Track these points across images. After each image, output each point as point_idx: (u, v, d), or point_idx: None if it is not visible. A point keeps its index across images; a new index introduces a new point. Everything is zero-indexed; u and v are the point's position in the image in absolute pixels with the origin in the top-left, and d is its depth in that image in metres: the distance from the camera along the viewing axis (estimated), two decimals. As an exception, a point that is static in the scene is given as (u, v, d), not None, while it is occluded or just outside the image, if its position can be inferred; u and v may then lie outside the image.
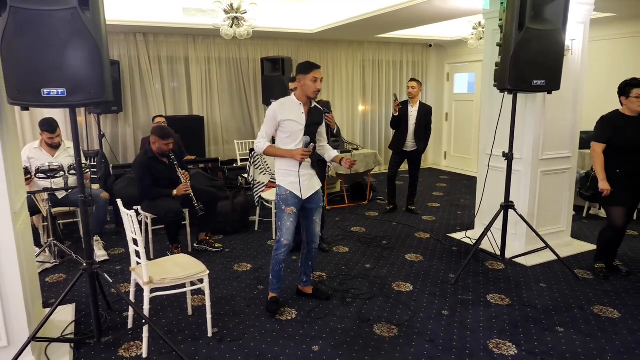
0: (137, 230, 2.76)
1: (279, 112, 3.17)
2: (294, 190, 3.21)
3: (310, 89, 3.18)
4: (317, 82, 3.18)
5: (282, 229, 3.23)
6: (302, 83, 3.19)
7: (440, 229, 5.30)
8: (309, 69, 3.18)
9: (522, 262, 4.16)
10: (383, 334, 3.02)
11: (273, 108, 3.19)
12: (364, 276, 3.95)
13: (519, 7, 3.40)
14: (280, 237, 3.24)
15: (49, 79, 2.22)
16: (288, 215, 3.22)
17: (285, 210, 3.22)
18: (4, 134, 2.51)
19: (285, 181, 3.23)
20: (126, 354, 2.82)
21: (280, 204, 3.24)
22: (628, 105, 3.66)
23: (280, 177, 3.27)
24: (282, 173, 3.25)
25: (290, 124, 3.17)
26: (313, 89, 3.17)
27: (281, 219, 3.24)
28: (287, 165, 3.21)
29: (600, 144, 3.73)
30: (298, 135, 3.18)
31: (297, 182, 3.19)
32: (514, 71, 3.51)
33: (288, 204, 3.22)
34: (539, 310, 3.33)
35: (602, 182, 3.68)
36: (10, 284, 2.54)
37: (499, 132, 4.09)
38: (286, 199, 3.22)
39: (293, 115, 3.17)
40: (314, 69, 3.19)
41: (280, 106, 3.19)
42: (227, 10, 5.42)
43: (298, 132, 3.18)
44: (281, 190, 3.24)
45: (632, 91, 3.61)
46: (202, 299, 3.49)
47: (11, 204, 2.52)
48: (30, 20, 2.16)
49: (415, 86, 5.63)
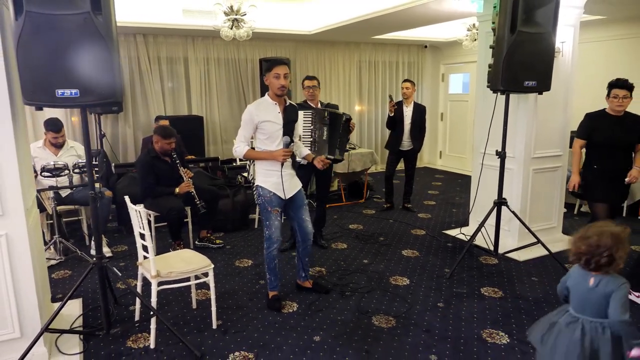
0: (145, 226, 2.87)
1: (255, 114, 3.19)
2: (276, 191, 3.27)
3: (274, 86, 3.18)
4: (280, 79, 3.16)
5: (271, 228, 3.30)
6: (268, 81, 3.22)
7: (435, 225, 5.43)
8: (271, 66, 3.19)
9: (515, 257, 4.29)
10: (381, 325, 3.14)
11: (249, 110, 3.21)
12: (362, 271, 4.07)
13: (511, 11, 3.53)
14: (270, 235, 3.31)
15: (62, 80, 2.33)
16: (275, 215, 3.30)
17: (271, 211, 3.29)
18: (18, 133, 2.61)
19: (268, 182, 3.27)
20: (134, 345, 2.93)
21: (265, 205, 3.29)
22: (609, 104, 3.82)
23: (262, 177, 3.30)
24: (263, 173, 3.29)
25: (268, 125, 3.20)
26: (277, 85, 3.17)
27: (269, 219, 3.30)
28: (268, 165, 3.26)
29: (579, 140, 3.90)
30: (277, 135, 3.22)
31: (280, 183, 3.23)
32: (506, 72, 3.64)
33: (273, 205, 3.28)
34: (530, 302, 3.46)
35: (574, 174, 3.88)
36: (24, 278, 2.64)
37: (492, 132, 4.22)
38: (270, 200, 3.28)
39: (270, 116, 3.20)
40: (275, 65, 3.19)
41: (255, 108, 3.21)
42: (227, 12, 5.53)
43: (277, 132, 3.22)
44: (264, 192, 3.27)
45: (611, 91, 3.77)
46: (205, 293, 3.60)
47: (24, 200, 2.62)
48: (45, 24, 2.27)
49: (410, 87, 5.76)
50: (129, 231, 5.10)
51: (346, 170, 6.27)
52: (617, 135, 3.75)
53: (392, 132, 5.89)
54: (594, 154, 3.89)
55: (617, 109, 3.76)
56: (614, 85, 3.76)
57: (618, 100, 3.72)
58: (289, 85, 3.27)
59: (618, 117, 3.78)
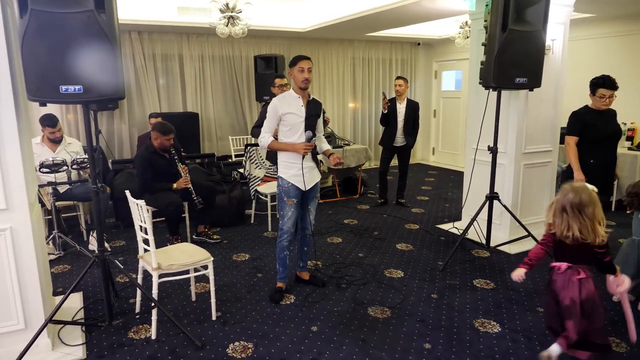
0: (145, 219, 2.93)
1: (280, 107, 3.35)
2: (296, 182, 3.39)
3: (298, 79, 3.35)
4: (304, 72, 3.32)
5: (284, 218, 3.43)
6: (292, 75, 3.37)
7: (429, 220, 5.53)
8: (296, 61, 3.35)
9: (506, 249, 4.40)
10: (377, 315, 3.23)
11: (274, 103, 3.37)
12: (358, 264, 4.16)
13: (502, 9, 3.62)
14: (282, 225, 3.45)
15: (66, 76, 2.38)
16: (289, 206, 3.42)
17: (287, 202, 3.41)
18: (21, 129, 2.66)
19: (288, 173, 3.40)
20: (136, 335, 3.00)
21: (282, 195, 3.43)
22: (594, 102, 3.92)
23: (283, 169, 3.43)
24: (285, 165, 3.42)
25: (291, 117, 3.35)
26: (301, 78, 3.33)
27: (283, 209, 3.44)
28: (290, 157, 3.39)
29: (572, 137, 4.00)
30: (299, 127, 3.36)
31: (300, 175, 3.37)
32: (497, 70, 3.73)
33: (290, 196, 3.41)
34: (521, 293, 3.56)
35: (577, 172, 3.91)
36: (28, 271, 2.70)
37: (484, 128, 4.32)
38: (288, 190, 3.41)
39: (293, 109, 3.35)
40: (300, 59, 3.35)
41: (280, 101, 3.38)
42: (222, 9, 5.58)
43: (299, 125, 3.36)
44: (283, 182, 3.41)
45: (597, 90, 3.86)
46: (204, 286, 3.67)
47: (28, 195, 2.68)
48: (49, 22, 2.32)
49: (402, 84, 5.84)
50: (126, 226, 5.15)
51: (340, 166, 6.34)
52: (610, 129, 3.89)
53: (386, 128, 5.98)
54: (587, 149, 3.95)
55: (602, 108, 3.87)
56: (601, 85, 3.84)
57: (604, 99, 3.83)
58: (311, 78, 3.42)
59: (602, 113, 3.91)
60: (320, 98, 8.54)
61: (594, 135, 3.89)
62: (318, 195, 3.65)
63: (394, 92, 5.91)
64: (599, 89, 3.85)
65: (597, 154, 3.93)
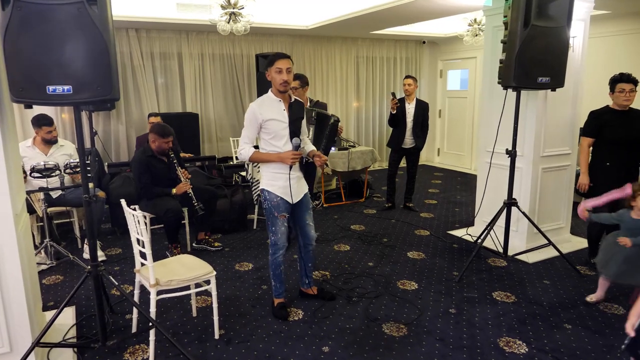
0: (142, 231, 2.70)
1: (259, 113, 2.99)
2: (284, 195, 3.08)
3: (276, 81, 2.99)
4: (282, 73, 2.95)
5: (277, 234, 3.13)
6: (270, 76, 3.02)
7: (439, 226, 5.29)
8: (273, 60, 2.98)
9: (524, 259, 4.17)
10: (392, 334, 2.99)
11: (252, 109, 3.01)
12: (368, 274, 3.93)
13: (524, 4, 3.39)
14: (276, 240, 3.14)
15: (54, 75, 2.15)
16: (282, 220, 3.12)
17: (278, 217, 3.11)
18: (5, 133, 2.42)
19: (275, 186, 3.08)
20: (132, 357, 2.76)
21: (272, 211, 3.10)
22: (614, 99, 3.74)
23: (268, 181, 3.10)
24: (270, 177, 3.10)
25: (273, 124, 3.00)
26: (279, 80, 2.96)
27: (275, 225, 3.12)
28: (276, 168, 3.07)
29: (587, 138, 3.82)
30: (283, 134, 3.03)
31: (287, 186, 3.06)
32: (519, 68, 3.50)
33: (280, 210, 3.10)
34: (544, 307, 3.33)
35: (583, 175, 3.79)
36: (13, 289, 2.47)
37: (499, 130, 4.08)
38: (277, 205, 3.09)
39: (274, 114, 3.00)
40: (277, 58, 2.97)
41: (259, 106, 3.01)
42: (224, 5, 5.34)
43: (282, 131, 3.02)
44: (271, 197, 3.09)
45: (616, 86, 3.70)
46: (205, 299, 3.44)
47: (13, 205, 2.44)
48: (35, 15, 2.08)
49: (412, 83, 5.61)
50: (122, 233, 4.90)
51: (346, 169, 6.11)
52: (629, 131, 3.68)
53: (394, 129, 5.74)
54: (604, 152, 3.80)
55: (624, 104, 3.69)
56: (618, 80, 3.70)
57: (624, 94, 3.65)
58: (292, 80, 3.09)
59: (624, 112, 3.72)
60: (324, 98, 8.31)
61: (612, 137, 3.71)
62: (310, 206, 3.32)
63: (403, 91, 5.68)
64: (617, 84, 3.69)
65: (615, 157, 3.74)
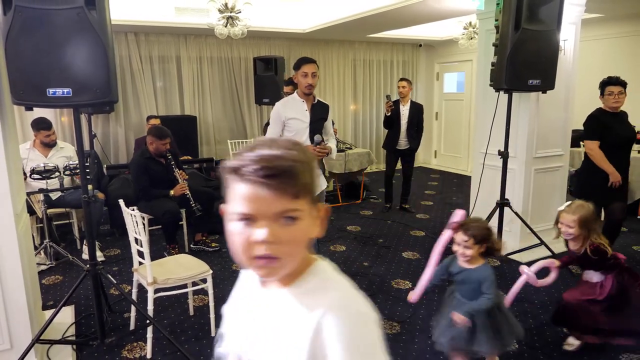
0: (140, 231, 2.75)
1: (282, 112, 3.20)
2: None
3: (301, 84, 3.19)
4: (307, 77, 3.15)
5: None
6: (296, 79, 3.22)
7: (434, 226, 5.35)
8: (299, 65, 3.18)
9: (517, 258, 4.23)
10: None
11: (277, 108, 3.22)
12: (363, 274, 3.98)
13: (515, 8, 3.46)
14: None
15: (54, 78, 2.22)
16: None
17: None
18: (6, 134, 2.48)
19: None
20: (130, 354, 2.81)
21: None
22: (604, 102, 3.80)
23: None
24: None
25: (295, 122, 3.19)
26: (304, 83, 3.17)
27: None
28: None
29: (594, 142, 3.84)
30: (303, 132, 3.20)
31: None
32: (510, 71, 3.57)
33: None
34: (536, 306, 3.39)
35: (613, 174, 3.72)
36: (13, 287, 2.52)
37: (492, 131, 4.15)
38: None
39: (296, 113, 3.19)
40: (303, 63, 3.17)
41: (283, 105, 3.22)
42: (221, 9, 5.41)
43: (303, 130, 3.20)
44: None
45: (605, 89, 3.75)
46: (202, 298, 3.49)
47: (13, 205, 2.50)
48: (35, 19, 2.15)
49: (406, 85, 5.69)
50: (121, 234, 4.96)
51: (343, 171, 6.17)
52: (622, 132, 3.74)
53: (389, 131, 5.82)
54: (605, 153, 3.79)
55: (613, 106, 3.74)
56: (607, 83, 3.76)
57: (614, 97, 3.71)
58: (316, 83, 3.25)
59: (617, 114, 3.77)
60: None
61: (612, 139, 3.75)
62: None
63: (398, 94, 5.75)
64: (607, 87, 3.75)
65: (614, 158, 3.78)
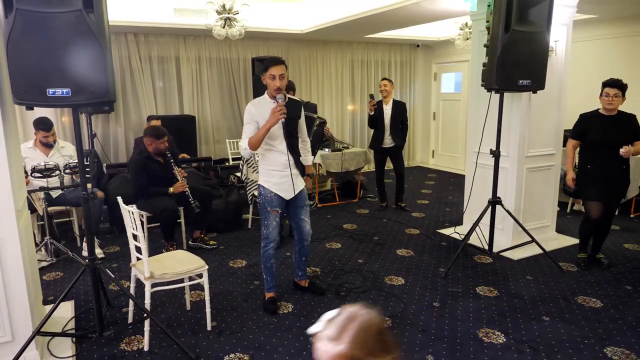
0: (137, 227, 2.83)
1: (255, 114, 3.13)
2: (278, 191, 3.24)
3: (270, 87, 3.09)
4: (275, 80, 3.03)
5: (269, 228, 3.28)
6: (265, 81, 3.14)
7: (429, 225, 5.43)
8: (267, 66, 3.07)
9: (509, 255, 4.30)
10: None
11: (249, 110, 3.15)
12: (357, 271, 4.06)
13: (505, 10, 3.53)
14: (267, 234, 3.28)
15: (53, 79, 2.29)
16: (273, 215, 3.27)
17: (270, 212, 3.26)
18: (7, 133, 2.56)
19: (269, 182, 3.24)
20: (128, 347, 2.89)
21: (265, 205, 3.26)
22: (601, 103, 3.86)
23: (264, 177, 3.26)
24: (265, 173, 3.26)
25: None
26: (272, 86, 3.06)
27: (267, 219, 3.27)
28: (271, 165, 3.22)
29: (572, 140, 4.00)
30: (277, 134, 3.14)
31: (281, 183, 3.21)
32: (500, 71, 3.64)
33: (273, 206, 3.25)
34: (525, 301, 3.46)
35: (567, 173, 4.03)
36: (15, 281, 2.60)
37: (486, 130, 4.22)
38: (271, 200, 3.24)
39: (268, 115, 3.07)
40: (270, 65, 3.05)
41: (255, 107, 3.15)
42: (219, 10, 5.49)
43: (277, 131, 3.13)
44: (265, 192, 3.24)
45: (603, 90, 3.82)
46: (199, 294, 3.57)
47: (15, 201, 2.58)
48: (35, 22, 2.23)
49: (387, 84, 5.77)
50: (121, 232, 5.04)
51: (339, 170, 6.25)
52: (610, 135, 3.79)
53: (375, 131, 5.91)
54: (587, 154, 3.95)
55: (607, 107, 3.81)
56: (605, 84, 3.82)
57: (609, 98, 3.77)
58: (285, 85, 3.17)
59: (611, 117, 3.82)
60: (319, 101, 8.45)
61: (591, 140, 3.88)
62: (308, 203, 3.48)
63: (380, 93, 5.84)
64: (604, 88, 3.82)
65: (595, 160, 3.89)
